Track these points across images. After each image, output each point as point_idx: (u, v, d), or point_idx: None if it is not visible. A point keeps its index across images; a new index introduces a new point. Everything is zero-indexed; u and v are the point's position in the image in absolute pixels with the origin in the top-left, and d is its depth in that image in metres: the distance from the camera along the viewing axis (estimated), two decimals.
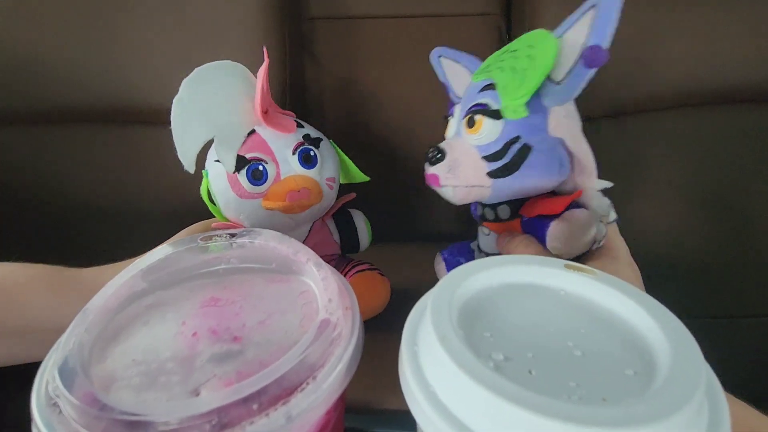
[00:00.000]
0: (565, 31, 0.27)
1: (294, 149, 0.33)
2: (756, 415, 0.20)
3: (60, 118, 0.49)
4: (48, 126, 0.50)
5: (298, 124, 0.35)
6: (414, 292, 0.21)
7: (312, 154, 0.33)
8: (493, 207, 0.32)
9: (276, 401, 0.16)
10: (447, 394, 0.16)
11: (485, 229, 0.35)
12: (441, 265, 0.38)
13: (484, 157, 0.29)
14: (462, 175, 0.29)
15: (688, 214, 0.49)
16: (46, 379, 0.17)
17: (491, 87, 0.29)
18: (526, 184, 0.29)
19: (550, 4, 0.46)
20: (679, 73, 0.46)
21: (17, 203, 0.50)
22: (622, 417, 0.13)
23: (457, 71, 0.36)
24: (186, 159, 0.31)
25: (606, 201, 0.31)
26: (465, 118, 0.30)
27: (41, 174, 0.50)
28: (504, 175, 0.28)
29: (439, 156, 0.30)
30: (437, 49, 0.37)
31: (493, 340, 0.18)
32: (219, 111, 0.32)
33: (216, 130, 0.31)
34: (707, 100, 0.47)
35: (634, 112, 0.48)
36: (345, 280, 0.24)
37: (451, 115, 0.32)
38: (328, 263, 0.38)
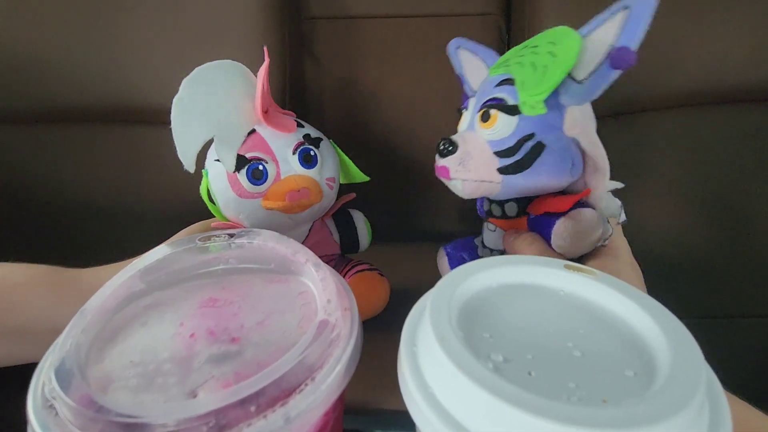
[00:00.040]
0: (591, 31, 0.26)
1: (294, 149, 0.33)
2: (757, 414, 0.20)
3: (60, 117, 0.49)
4: (48, 126, 0.50)
5: (299, 124, 0.35)
6: (414, 292, 0.21)
7: (312, 153, 0.33)
8: (501, 204, 0.32)
9: (274, 403, 0.16)
10: (446, 395, 0.15)
11: (491, 225, 0.34)
12: (444, 260, 0.38)
13: (496, 153, 0.28)
14: (473, 169, 0.29)
15: (688, 214, 0.49)
16: (43, 381, 0.17)
17: (508, 82, 0.29)
18: (536, 182, 0.28)
19: (550, 4, 0.46)
20: (679, 73, 0.46)
21: (17, 203, 0.50)
22: (623, 418, 0.13)
23: (475, 64, 0.35)
24: (186, 158, 0.31)
25: (617, 202, 0.31)
26: (480, 112, 0.29)
27: (41, 174, 0.50)
28: (515, 172, 0.28)
29: (450, 148, 0.29)
30: (455, 39, 0.36)
31: (492, 341, 0.18)
32: (219, 110, 0.31)
33: (216, 129, 0.31)
34: (707, 100, 0.47)
35: (634, 111, 0.48)
36: (344, 281, 0.24)
37: (465, 108, 0.32)
38: (327, 263, 0.38)
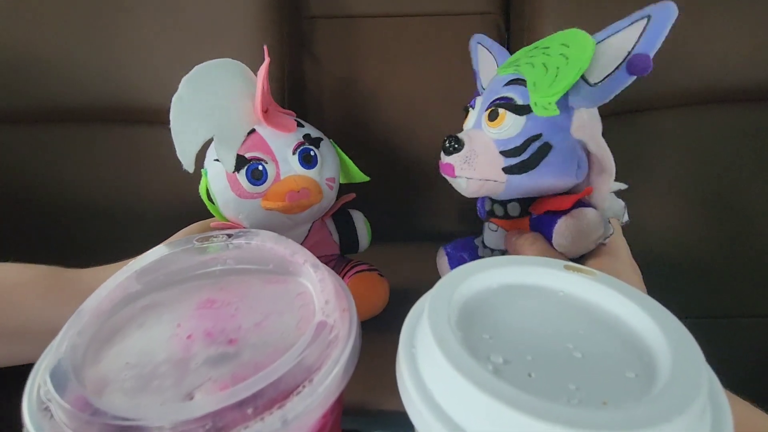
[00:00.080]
0: (609, 36, 0.26)
1: (294, 149, 0.33)
2: (758, 414, 0.20)
3: (60, 117, 0.49)
4: (48, 125, 0.50)
5: (299, 124, 0.34)
6: (413, 292, 0.21)
7: (312, 154, 0.33)
8: (503, 204, 0.32)
9: (272, 405, 0.16)
10: (445, 397, 0.15)
11: (492, 226, 0.34)
12: (443, 260, 0.38)
13: (502, 152, 0.28)
14: (478, 168, 0.29)
15: (688, 214, 0.49)
16: (38, 383, 0.17)
17: (518, 82, 0.29)
18: (541, 183, 0.28)
19: (550, 3, 0.46)
20: (679, 72, 0.46)
21: (17, 203, 0.50)
22: (623, 420, 0.13)
23: (488, 61, 0.36)
24: (185, 158, 0.30)
25: (620, 203, 0.31)
26: (487, 110, 0.29)
27: (41, 174, 0.50)
28: (520, 172, 0.28)
29: (456, 146, 0.29)
30: (476, 35, 0.37)
31: (491, 343, 0.18)
32: (219, 110, 0.31)
33: (216, 129, 0.31)
34: (708, 100, 0.47)
35: (634, 111, 0.48)
36: (342, 282, 0.24)
37: (472, 106, 0.32)
38: (327, 263, 0.38)
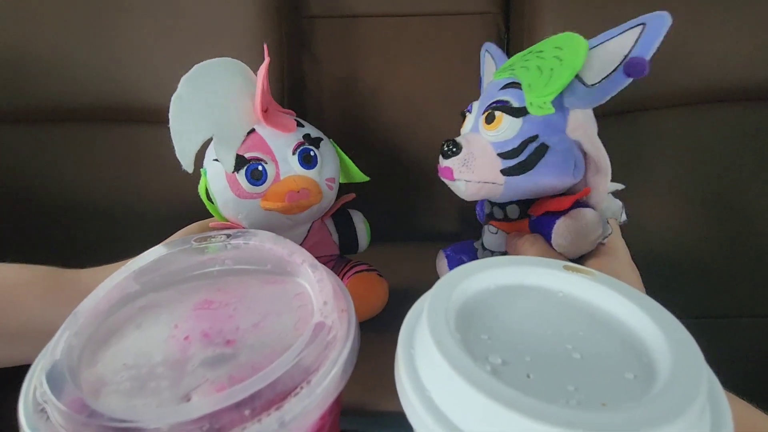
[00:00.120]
0: (605, 41, 0.27)
1: (294, 149, 0.32)
2: (758, 414, 0.20)
3: (60, 117, 0.49)
4: (47, 125, 0.50)
5: (298, 123, 0.34)
6: (413, 292, 0.21)
7: (312, 154, 0.33)
8: (503, 206, 0.32)
9: (269, 406, 0.16)
10: (443, 398, 0.15)
11: (492, 228, 0.34)
12: (443, 262, 0.38)
13: (499, 154, 0.29)
14: (476, 170, 0.29)
15: (688, 213, 0.49)
16: (34, 384, 0.17)
17: (513, 85, 0.29)
18: (539, 183, 0.29)
19: (549, 3, 0.46)
20: (679, 72, 0.46)
21: (17, 203, 0.50)
22: (622, 422, 0.13)
23: (491, 67, 0.36)
24: (184, 158, 0.30)
25: (618, 203, 0.31)
26: (484, 114, 0.30)
27: (41, 173, 0.50)
28: (518, 173, 0.28)
29: (454, 149, 0.29)
30: (486, 44, 0.38)
31: (490, 343, 0.17)
32: (218, 109, 0.31)
33: (215, 128, 0.31)
34: (708, 99, 0.47)
35: (634, 111, 0.48)
36: (341, 282, 0.24)
37: (469, 111, 0.32)
38: (326, 264, 0.38)
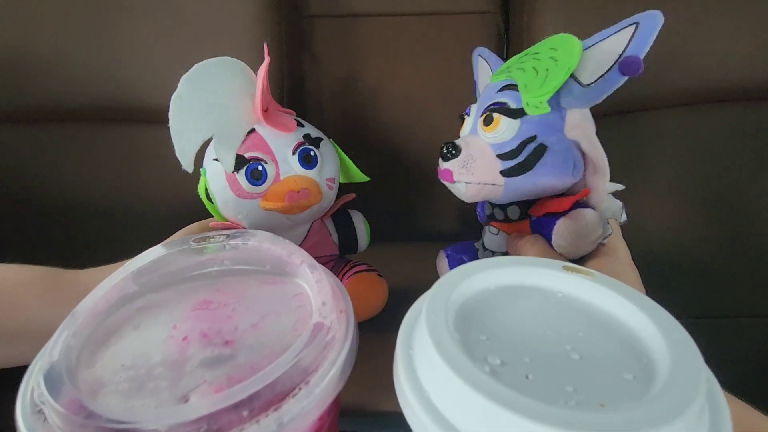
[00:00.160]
0: (600, 41, 0.27)
1: (294, 149, 0.32)
2: (757, 415, 0.20)
3: (60, 117, 0.49)
4: (47, 125, 0.50)
5: (299, 123, 0.34)
6: (413, 292, 0.21)
7: (312, 154, 0.33)
8: (503, 207, 0.32)
9: (267, 407, 0.16)
10: (441, 399, 0.15)
11: (493, 229, 0.34)
12: (443, 261, 0.38)
13: (498, 156, 0.29)
14: (476, 172, 0.29)
15: (688, 213, 0.49)
16: (32, 385, 0.17)
17: (510, 87, 0.29)
18: (538, 184, 0.29)
19: (548, 2, 0.46)
20: (679, 72, 0.46)
21: (16, 203, 0.50)
22: (621, 423, 0.13)
23: (485, 71, 0.37)
24: (184, 157, 0.30)
25: (618, 203, 0.31)
26: (482, 116, 0.30)
27: (41, 173, 0.50)
28: (517, 174, 0.28)
29: (454, 152, 0.30)
30: (478, 48, 0.38)
31: (489, 344, 0.17)
32: (218, 108, 0.31)
33: (215, 128, 0.31)
34: (708, 99, 0.47)
35: (634, 110, 0.48)
36: (339, 283, 0.24)
37: (467, 114, 0.33)
38: (326, 264, 0.38)
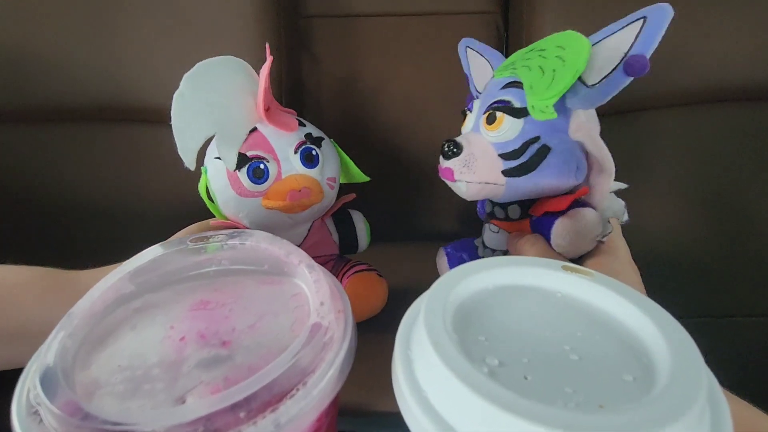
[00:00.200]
0: (605, 37, 0.26)
1: (296, 148, 0.32)
2: (758, 414, 0.20)
3: (59, 117, 0.49)
4: (47, 124, 0.50)
5: (300, 123, 0.34)
6: (413, 292, 0.21)
7: (314, 153, 0.33)
8: (504, 206, 0.32)
9: (265, 408, 0.16)
10: (440, 399, 0.15)
11: (493, 227, 0.34)
12: (443, 260, 0.38)
13: (500, 155, 0.28)
14: (477, 171, 0.29)
15: (688, 213, 0.49)
16: (28, 387, 0.17)
17: (515, 85, 0.29)
18: (540, 184, 0.28)
19: (548, 2, 0.46)
20: (680, 71, 0.46)
21: (17, 203, 0.50)
22: (621, 424, 0.13)
23: (480, 64, 0.36)
24: (186, 155, 0.30)
25: (620, 202, 0.31)
26: (485, 114, 0.29)
27: (41, 173, 0.50)
28: (519, 174, 0.28)
29: (455, 150, 0.29)
30: (464, 39, 0.37)
31: (487, 344, 0.17)
32: (220, 107, 0.31)
33: (217, 126, 0.31)
34: (708, 99, 0.46)
35: (634, 110, 0.48)
36: (338, 283, 0.24)
37: (470, 110, 0.32)
38: (326, 263, 0.38)
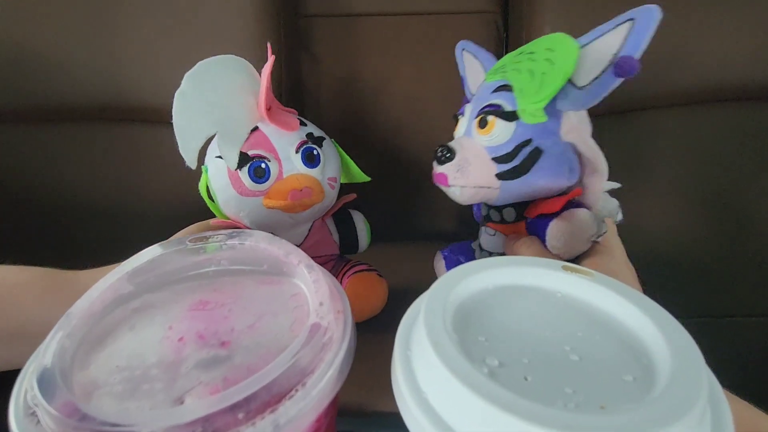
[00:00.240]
0: (594, 39, 0.26)
1: (297, 147, 0.32)
2: (758, 414, 0.20)
3: (60, 116, 0.49)
4: (48, 125, 0.50)
5: (301, 122, 0.34)
6: (413, 292, 0.21)
7: (315, 153, 0.33)
8: (499, 209, 0.32)
9: (264, 409, 0.15)
10: (439, 400, 0.15)
11: (490, 230, 0.34)
12: (441, 263, 0.38)
13: (494, 159, 0.28)
14: (471, 176, 0.29)
15: (687, 213, 0.49)
16: (25, 388, 0.17)
17: (505, 88, 0.29)
18: (534, 187, 0.29)
19: (548, 2, 0.46)
20: (679, 71, 0.46)
21: (17, 203, 0.50)
22: (621, 425, 0.13)
23: (474, 67, 0.36)
24: (187, 154, 0.30)
25: (614, 202, 0.31)
26: (477, 118, 0.29)
27: (40, 173, 0.50)
28: (513, 178, 0.28)
29: (448, 155, 0.29)
30: (461, 42, 0.37)
31: (487, 345, 0.17)
32: (222, 106, 0.31)
33: (219, 125, 0.31)
34: (708, 99, 0.46)
35: (633, 110, 0.48)
36: (337, 283, 0.23)
37: (461, 114, 0.32)
38: (326, 263, 0.38)
